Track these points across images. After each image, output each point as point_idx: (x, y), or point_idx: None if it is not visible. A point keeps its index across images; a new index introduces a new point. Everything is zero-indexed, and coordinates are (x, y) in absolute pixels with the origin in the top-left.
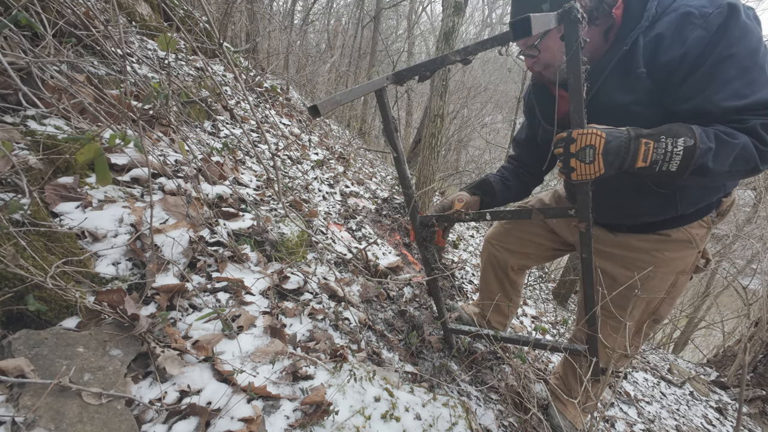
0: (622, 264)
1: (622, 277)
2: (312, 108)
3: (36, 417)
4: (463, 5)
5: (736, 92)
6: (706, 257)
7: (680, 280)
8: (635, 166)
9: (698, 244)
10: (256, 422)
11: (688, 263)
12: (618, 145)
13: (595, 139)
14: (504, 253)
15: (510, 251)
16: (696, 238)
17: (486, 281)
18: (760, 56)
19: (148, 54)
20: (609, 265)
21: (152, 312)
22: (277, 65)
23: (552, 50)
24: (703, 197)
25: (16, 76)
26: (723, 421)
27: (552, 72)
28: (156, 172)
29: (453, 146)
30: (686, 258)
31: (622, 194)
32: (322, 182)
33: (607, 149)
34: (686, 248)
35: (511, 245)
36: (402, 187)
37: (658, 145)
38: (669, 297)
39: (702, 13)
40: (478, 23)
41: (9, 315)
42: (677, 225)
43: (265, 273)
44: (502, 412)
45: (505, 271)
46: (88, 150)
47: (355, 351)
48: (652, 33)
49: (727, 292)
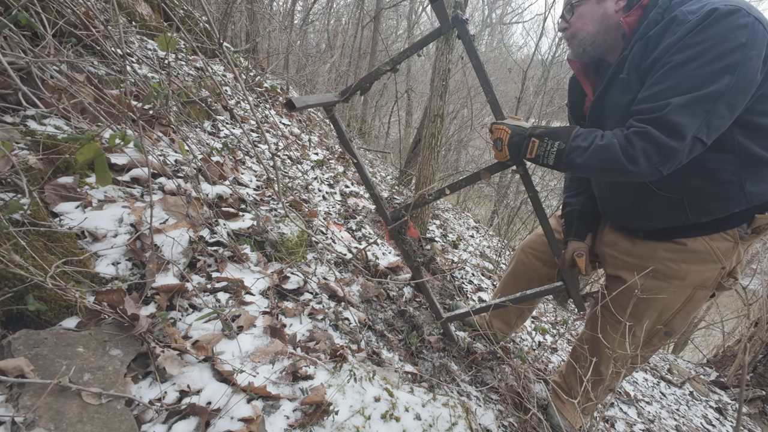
0: (636, 272)
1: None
2: (288, 102)
3: (36, 417)
4: (463, 5)
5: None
6: (734, 276)
7: (697, 295)
8: (527, 157)
9: (720, 258)
10: (256, 422)
11: (708, 278)
12: (517, 141)
13: (503, 134)
14: (534, 261)
15: (543, 261)
16: (717, 252)
17: (505, 287)
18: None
19: (148, 54)
20: (624, 273)
21: (152, 312)
22: (277, 65)
23: (584, 18)
24: (718, 206)
25: (16, 76)
26: (723, 421)
27: (576, 45)
28: (156, 172)
29: (453, 146)
30: (705, 272)
31: (628, 193)
32: (322, 182)
33: (510, 142)
34: (705, 262)
35: (545, 254)
36: (366, 188)
37: (541, 144)
38: (683, 311)
39: (684, 18)
40: (478, 23)
41: (9, 315)
42: (693, 234)
43: (265, 273)
44: (502, 412)
45: (530, 281)
46: (88, 150)
47: (355, 351)
48: (645, 38)
49: (727, 292)
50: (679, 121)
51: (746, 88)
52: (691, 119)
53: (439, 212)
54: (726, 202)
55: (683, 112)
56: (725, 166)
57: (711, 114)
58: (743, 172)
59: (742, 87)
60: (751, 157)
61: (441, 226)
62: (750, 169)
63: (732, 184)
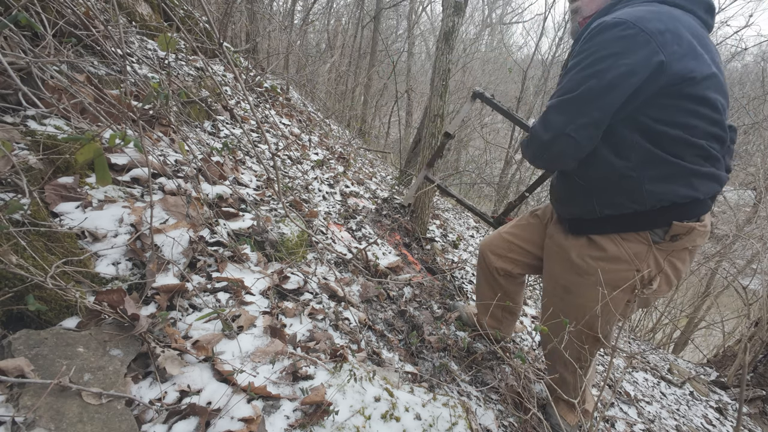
0: (561, 266)
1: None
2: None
3: (36, 417)
4: (463, 5)
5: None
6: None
7: (615, 298)
8: None
9: (632, 259)
10: (256, 422)
11: (621, 279)
12: None
13: None
14: (491, 256)
15: (497, 255)
16: (629, 252)
17: (478, 287)
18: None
19: (148, 54)
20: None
21: (152, 312)
22: (277, 65)
23: None
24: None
25: (16, 76)
26: (723, 421)
27: (575, 22)
28: (156, 172)
29: (453, 146)
30: (619, 272)
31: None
32: (322, 182)
33: None
34: (617, 261)
35: (499, 249)
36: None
37: None
38: (604, 313)
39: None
40: (478, 23)
41: (9, 315)
42: (603, 230)
43: (265, 273)
44: (502, 412)
45: (493, 275)
46: (88, 150)
47: (355, 351)
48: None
49: (727, 292)
50: (550, 119)
51: (612, 92)
52: (560, 117)
53: (439, 212)
54: (630, 196)
55: (555, 111)
56: (626, 163)
57: (577, 114)
58: (643, 170)
59: (607, 91)
60: (651, 157)
61: (441, 226)
62: (651, 168)
63: (632, 180)
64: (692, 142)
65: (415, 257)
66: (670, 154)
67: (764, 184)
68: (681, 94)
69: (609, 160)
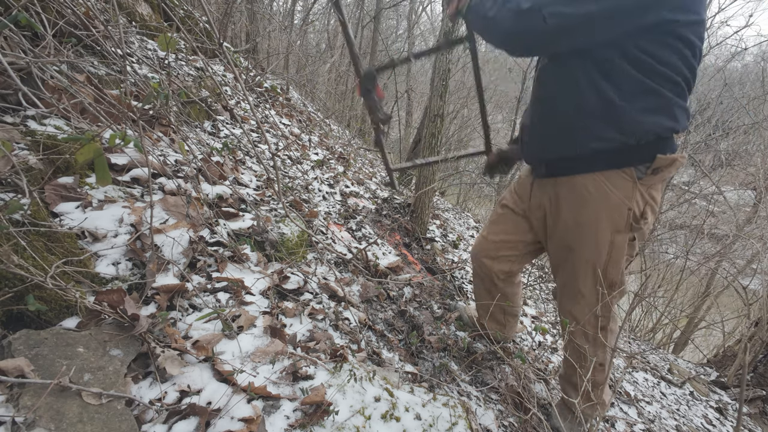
0: (555, 226)
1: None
2: None
3: (36, 417)
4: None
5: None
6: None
7: (617, 240)
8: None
9: (622, 198)
10: (256, 422)
11: (618, 220)
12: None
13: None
14: (486, 261)
15: (492, 258)
16: (617, 191)
17: (477, 294)
18: None
19: (148, 54)
20: (552, 231)
21: (152, 312)
22: (277, 65)
23: None
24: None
25: (16, 76)
26: (723, 421)
27: None
28: (156, 172)
29: (453, 146)
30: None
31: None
32: (322, 182)
33: None
34: (608, 199)
35: (492, 252)
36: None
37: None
38: (612, 260)
39: None
40: None
41: (9, 315)
42: (585, 169)
43: (265, 273)
44: (502, 412)
45: (492, 281)
46: (88, 150)
47: (355, 351)
48: None
49: (727, 292)
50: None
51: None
52: None
53: (439, 212)
54: (619, 127)
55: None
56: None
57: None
58: (633, 100)
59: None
60: (641, 87)
61: (441, 226)
62: (641, 99)
63: (623, 109)
64: (675, 80)
65: (415, 257)
66: (659, 85)
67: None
68: (672, 33)
69: (600, 87)
